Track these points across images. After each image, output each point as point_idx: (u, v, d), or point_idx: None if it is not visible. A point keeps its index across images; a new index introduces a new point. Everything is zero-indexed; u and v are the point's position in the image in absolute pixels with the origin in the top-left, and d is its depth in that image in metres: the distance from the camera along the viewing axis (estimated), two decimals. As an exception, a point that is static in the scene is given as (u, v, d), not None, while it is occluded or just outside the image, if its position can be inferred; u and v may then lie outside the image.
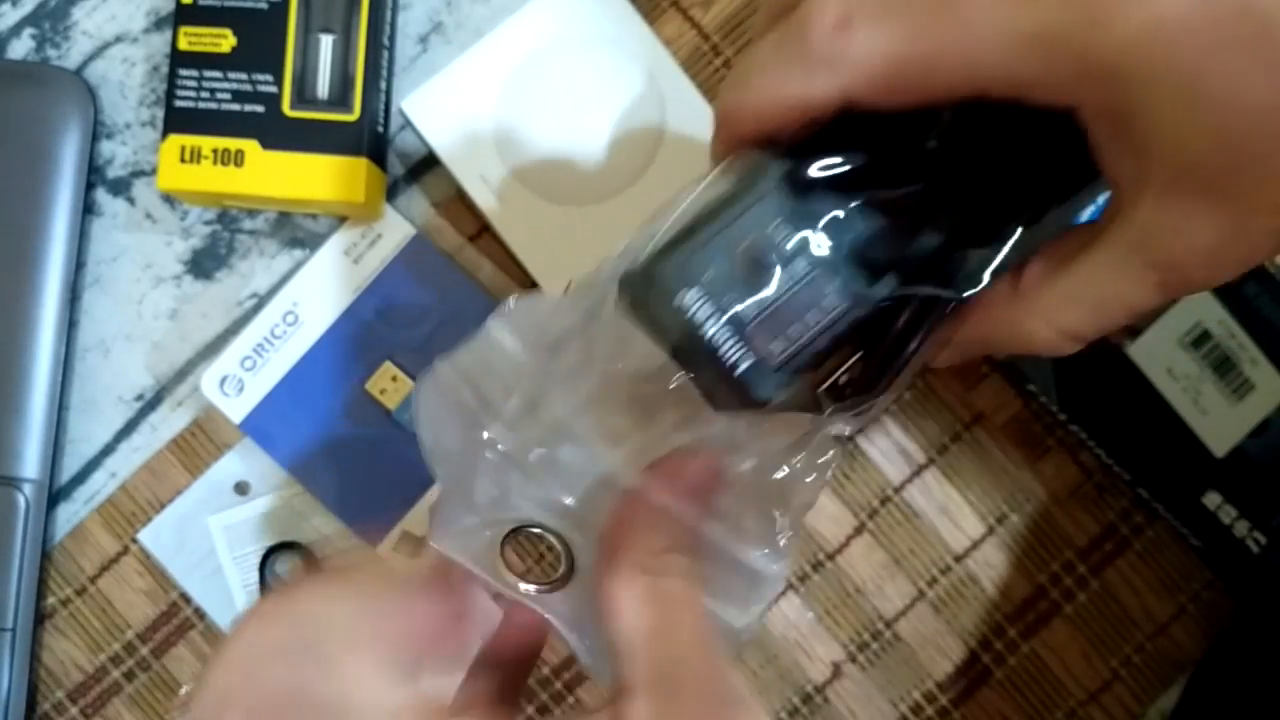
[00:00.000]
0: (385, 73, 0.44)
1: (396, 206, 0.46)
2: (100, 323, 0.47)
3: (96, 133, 0.46)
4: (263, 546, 0.45)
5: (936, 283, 0.27)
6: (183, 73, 0.43)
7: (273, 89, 0.43)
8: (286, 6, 0.43)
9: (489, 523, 0.29)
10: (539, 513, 0.29)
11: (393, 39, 0.45)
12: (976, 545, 0.45)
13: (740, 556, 0.28)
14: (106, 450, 0.47)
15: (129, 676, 0.46)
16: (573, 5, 0.44)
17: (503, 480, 0.29)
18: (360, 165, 0.43)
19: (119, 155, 0.47)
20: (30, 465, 0.45)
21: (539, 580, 0.30)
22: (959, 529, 0.45)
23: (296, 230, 0.47)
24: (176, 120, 0.43)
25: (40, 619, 0.46)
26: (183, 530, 0.46)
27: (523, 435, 0.28)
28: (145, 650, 0.46)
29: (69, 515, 0.46)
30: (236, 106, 0.43)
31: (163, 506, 0.46)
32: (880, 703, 0.45)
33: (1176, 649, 0.45)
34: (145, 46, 0.47)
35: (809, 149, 0.26)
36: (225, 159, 0.43)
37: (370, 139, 0.43)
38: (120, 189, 0.47)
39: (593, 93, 0.44)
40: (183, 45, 0.43)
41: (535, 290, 0.29)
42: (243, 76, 0.43)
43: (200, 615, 0.46)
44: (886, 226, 0.27)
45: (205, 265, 0.47)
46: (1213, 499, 0.43)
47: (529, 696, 0.46)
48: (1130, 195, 0.25)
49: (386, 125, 0.45)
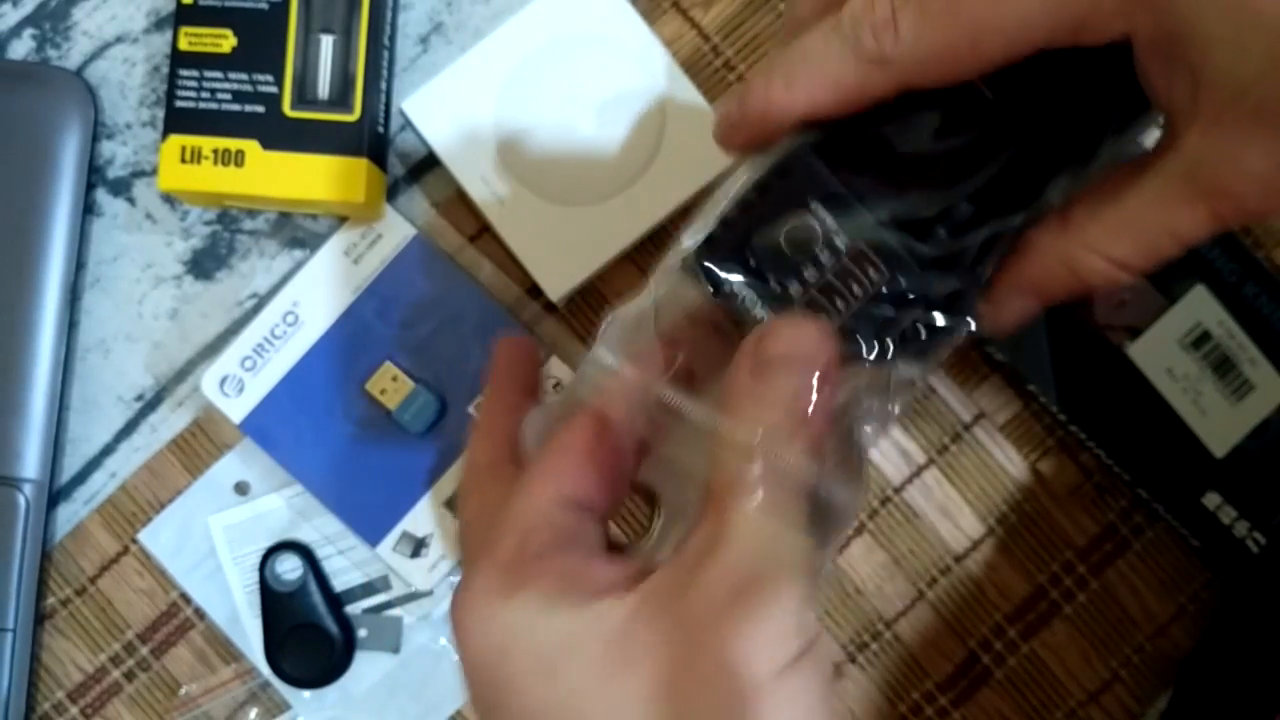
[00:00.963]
0: (385, 73, 0.44)
1: (396, 207, 0.46)
2: (100, 323, 0.47)
3: (97, 133, 0.46)
4: (263, 546, 0.45)
5: (997, 220, 0.27)
6: (183, 73, 0.43)
7: (273, 89, 0.43)
8: (287, 7, 0.43)
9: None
10: None
11: (393, 39, 0.45)
12: (976, 545, 0.45)
13: (823, 489, 0.28)
14: (106, 450, 0.47)
15: (129, 676, 0.46)
16: (573, 5, 0.44)
17: None
18: (360, 165, 0.43)
19: (119, 155, 0.47)
20: (30, 465, 0.45)
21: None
22: (959, 529, 0.45)
23: (296, 230, 0.47)
24: (177, 120, 0.43)
25: (40, 619, 0.46)
26: (183, 530, 0.46)
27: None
28: (145, 650, 0.46)
29: (69, 515, 0.46)
30: (237, 107, 0.43)
31: (163, 506, 0.46)
32: (880, 703, 0.45)
33: (1176, 649, 0.45)
34: (145, 47, 0.47)
35: (845, 126, 0.27)
36: (225, 159, 0.43)
37: (370, 139, 0.43)
38: (120, 189, 0.47)
39: (593, 93, 0.44)
40: (183, 45, 0.43)
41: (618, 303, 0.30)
42: (243, 77, 0.43)
43: (200, 615, 0.46)
44: (930, 186, 0.27)
45: (205, 265, 0.47)
46: (1212, 499, 0.43)
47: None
48: (1182, 123, 0.25)
49: (387, 125, 0.45)
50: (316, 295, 0.45)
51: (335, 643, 0.45)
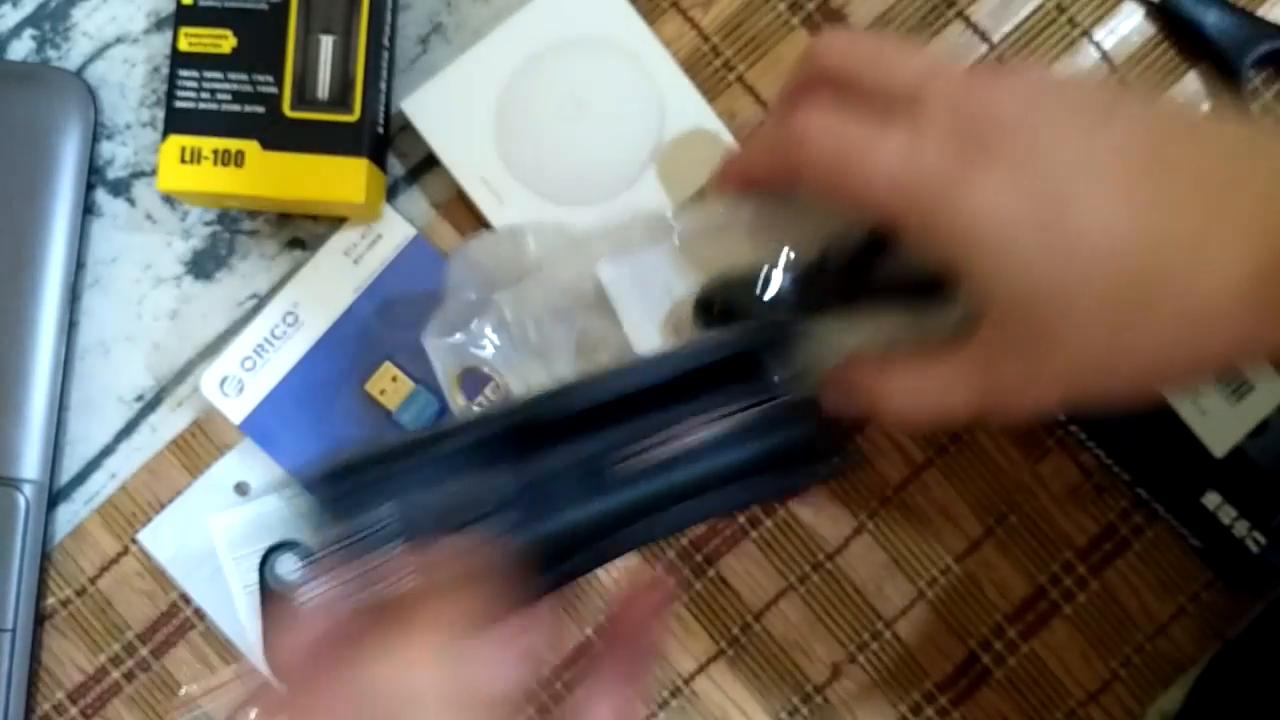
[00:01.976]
0: (385, 73, 0.44)
1: (396, 207, 0.46)
2: (100, 323, 0.47)
3: (97, 133, 0.46)
4: (263, 546, 0.45)
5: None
6: (183, 73, 0.43)
7: (273, 89, 0.43)
8: (287, 7, 0.43)
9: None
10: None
11: (393, 39, 0.45)
12: (976, 545, 0.45)
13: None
14: (106, 451, 0.47)
15: (129, 677, 0.46)
16: (573, 5, 0.44)
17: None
18: (360, 166, 0.43)
19: (119, 156, 0.47)
20: (30, 465, 0.45)
21: None
22: (959, 529, 0.45)
23: (296, 230, 0.47)
24: (177, 121, 0.43)
25: (40, 619, 0.46)
26: (183, 530, 0.46)
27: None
28: (145, 650, 0.46)
29: (69, 516, 0.46)
30: (237, 107, 0.43)
31: (163, 507, 0.46)
32: (880, 703, 0.45)
33: (1176, 649, 0.45)
34: (145, 47, 0.47)
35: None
36: (225, 159, 0.43)
37: (370, 139, 0.43)
38: (120, 189, 0.47)
39: (593, 93, 0.44)
40: (183, 46, 0.43)
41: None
42: (243, 77, 0.43)
43: (200, 616, 0.46)
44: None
45: (205, 266, 0.47)
46: (1212, 499, 0.43)
47: (530, 697, 0.46)
48: (977, 324, 0.31)
49: (387, 126, 0.45)
50: (316, 295, 0.45)
51: (335, 643, 0.45)
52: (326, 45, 0.43)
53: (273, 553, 0.45)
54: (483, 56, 0.44)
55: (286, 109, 0.43)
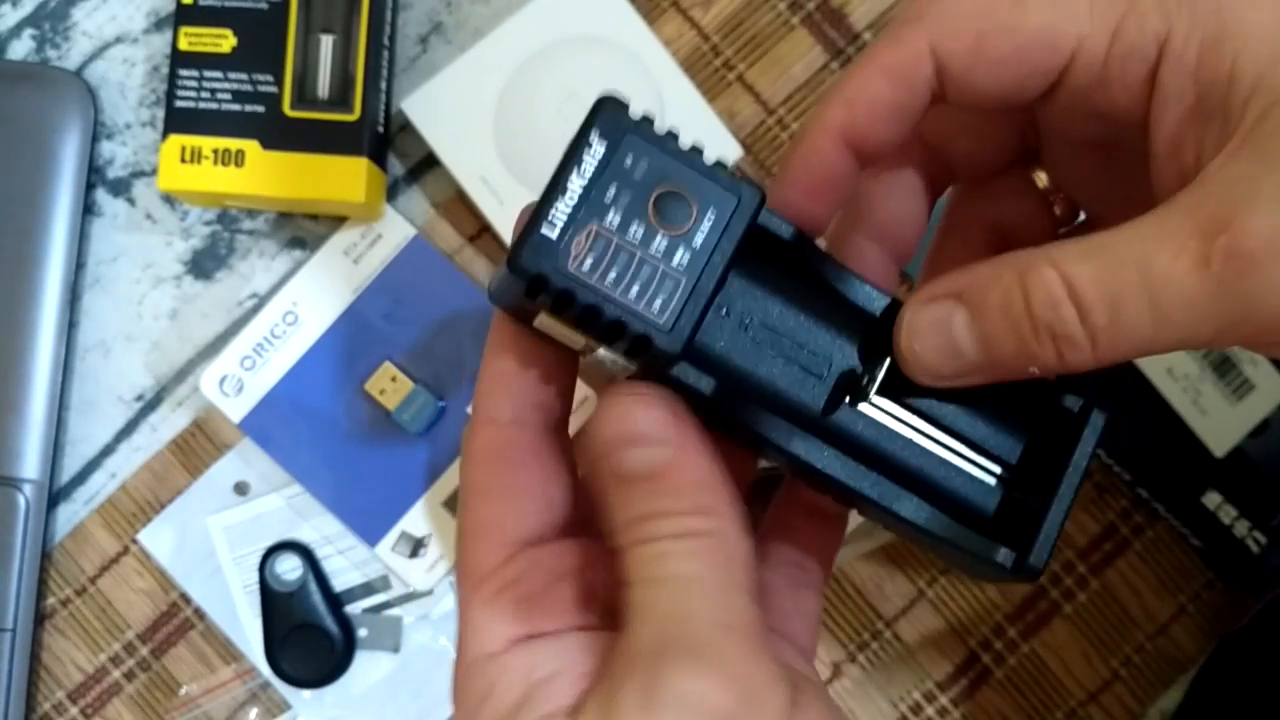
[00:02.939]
0: (385, 73, 0.44)
1: (396, 207, 0.46)
2: (100, 323, 0.47)
3: (96, 133, 0.46)
4: (262, 546, 0.45)
5: None
6: (183, 73, 0.43)
7: (273, 89, 0.43)
8: (286, 7, 0.43)
9: None
10: None
11: (393, 39, 0.45)
12: (976, 545, 0.45)
13: None
14: (106, 450, 0.47)
15: (129, 676, 0.46)
16: (572, 5, 0.44)
17: None
18: (360, 165, 0.43)
19: (119, 156, 0.47)
20: (30, 465, 0.45)
21: None
22: (959, 529, 0.45)
23: (296, 230, 0.47)
24: (177, 120, 0.43)
25: (40, 619, 0.46)
26: (183, 530, 0.46)
27: None
28: (145, 650, 0.46)
29: (69, 515, 0.46)
30: (237, 107, 0.43)
31: (163, 506, 0.46)
32: (880, 703, 0.45)
33: (1176, 649, 0.45)
34: (145, 47, 0.47)
35: None
36: (225, 159, 0.43)
37: (370, 139, 0.43)
38: (120, 189, 0.47)
39: (593, 92, 0.43)
40: (183, 45, 0.43)
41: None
42: (243, 76, 0.43)
43: (200, 615, 0.46)
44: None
45: (205, 265, 0.47)
46: (1213, 499, 0.43)
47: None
48: (1197, 164, 0.22)
49: (387, 125, 0.45)
50: (316, 295, 0.45)
51: (335, 643, 0.45)
52: (326, 45, 0.43)
53: (273, 553, 0.45)
54: (482, 56, 0.44)
55: (286, 108, 0.43)
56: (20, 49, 0.47)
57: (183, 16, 0.43)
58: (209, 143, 0.43)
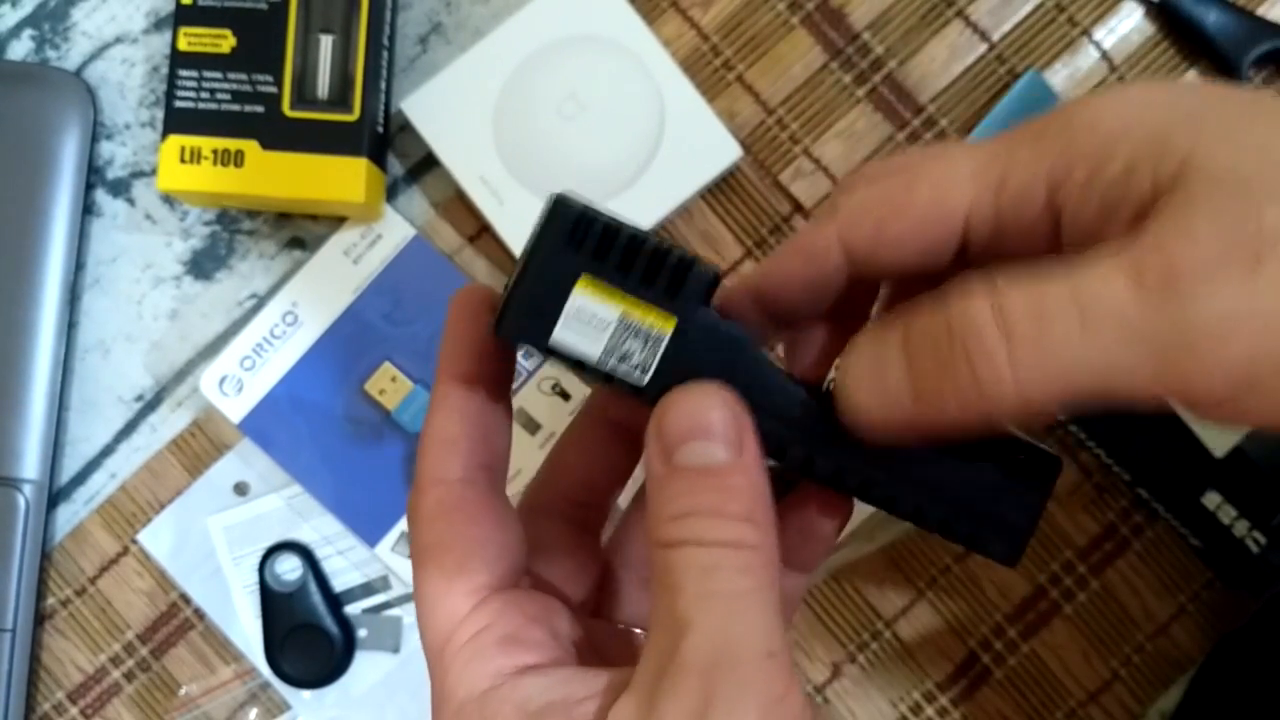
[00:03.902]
0: (385, 73, 0.44)
1: (396, 207, 0.46)
2: (100, 323, 0.47)
3: (96, 133, 0.46)
4: (262, 547, 0.45)
5: None
6: (183, 73, 0.43)
7: (273, 89, 0.43)
8: (286, 7, 0.43)
9: None
10: None
11: (392, 39, 0.45)
12: (976, 545, 0.45)
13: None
14: (106, 450, 0.47)
15: (129, 677, 0.46)
16: (572, 5, 0.44)
17: None
18: (360, 165, 0.43)
19: (119, 156, 0.47)
20: (30, 465, 0.45)
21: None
22: (959, 529, 0.45)
23: (296, 230, 0.47)
24: (176, 120, 0.43)
25: (40, 619, 0.46)
26: (183, 530, 0.46)
27: None
28: (145, 650, 0.46)
29: (69, 515, 0.46)
30: (236, 107, 0.43)
31: (163, 507, 0.46)
32: (880, 703, 0.45)
33: (1176, 649, 0.45)
34: (145, 47, 0.47)
35: None
36: (225, 159, 0.43)
37: (370, 139, 0.43)
38: (120, 189, 0.47)
39: (592, 93, 0.44)
40: (183, 46, 0.43)
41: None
42: (243, 77, 0.43)
43: (200, 615, 0.46)
44: None
45: (205, 265, 0.47)
46: (1212, 499, 0.43)
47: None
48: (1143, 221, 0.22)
49: (387, 125, 0.45)
50: (316, 295, 0.45)
51: (335, 643, 0.45)
52: (326, 45, 0.43)
53: (272, 553, 0.45)
54: (482, 56, 0.44)
55: (286, 109, 0.43)
56: (20, 49, 0.47)
57: (182, 17, 0.43)
58: (208, 143, 0.43)
